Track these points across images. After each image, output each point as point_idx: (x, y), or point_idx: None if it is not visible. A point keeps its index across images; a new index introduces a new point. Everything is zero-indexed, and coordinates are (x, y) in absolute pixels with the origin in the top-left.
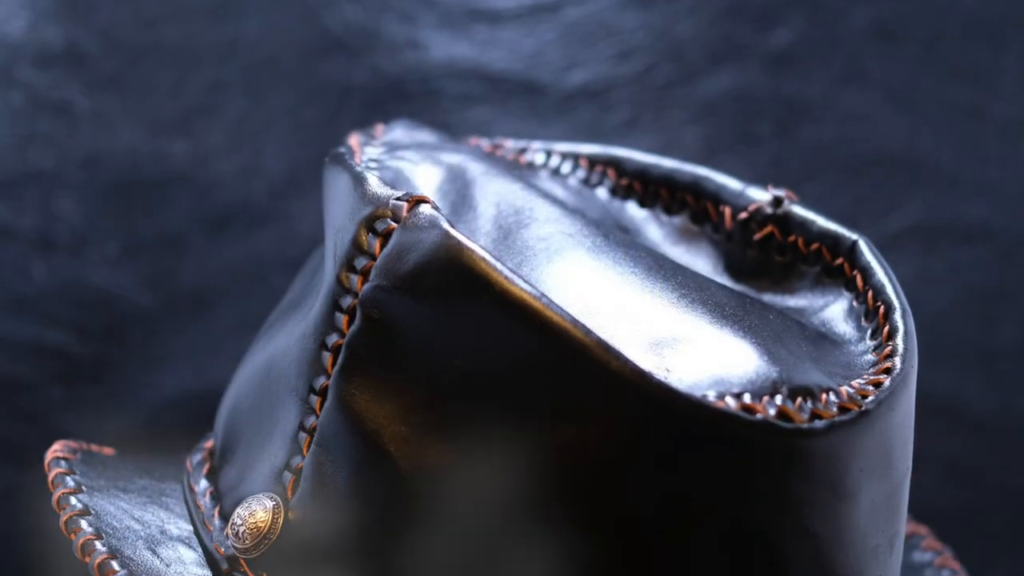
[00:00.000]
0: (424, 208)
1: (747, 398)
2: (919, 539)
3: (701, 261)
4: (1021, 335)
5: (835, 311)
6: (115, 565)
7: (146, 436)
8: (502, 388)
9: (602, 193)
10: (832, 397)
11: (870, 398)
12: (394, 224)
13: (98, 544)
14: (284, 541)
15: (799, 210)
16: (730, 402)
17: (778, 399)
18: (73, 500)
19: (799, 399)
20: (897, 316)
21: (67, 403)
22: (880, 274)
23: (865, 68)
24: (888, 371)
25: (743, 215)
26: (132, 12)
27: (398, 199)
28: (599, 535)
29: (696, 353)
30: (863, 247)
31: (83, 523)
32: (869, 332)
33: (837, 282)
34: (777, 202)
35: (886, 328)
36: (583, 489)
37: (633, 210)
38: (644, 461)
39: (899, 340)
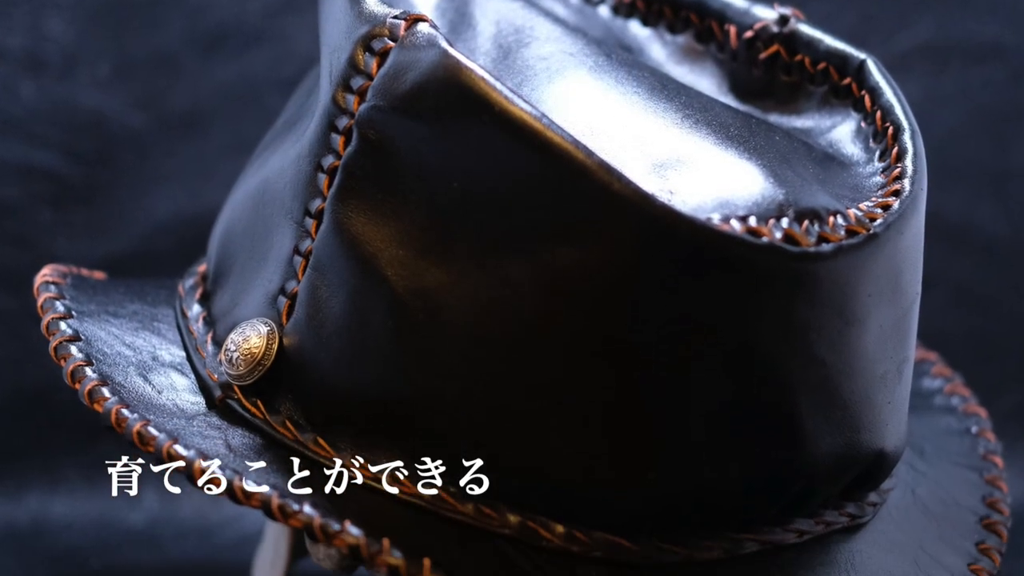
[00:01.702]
0: (422, 27)
1: (752, 221)
2: (928, 365)
3: (705, 81)
4: None
5: (842, 132)
6: (105, 392)
7: (137, 260)
8: (501, 210)
9: (604, 12)
10: (840, 220)
11: (878, 221)
12: (391, 43)
13: (88, 370)
14: (278, 367)
15: (806, 29)
16: (735, 225)
17: (784, 222)
18: (63, 325)
19: (806, 222)
20: (906, 137)
21: (57, 226)
22: (889, 94)
23: None
24: (897, 193)
25: (748, 34)
26: None
27: (395, 17)
28: (599, 358)
29: (700, 175)
30: (871, 66)
31: (73, 349)
32: (877, 153)
33: (845, 102)
34: (783, 20)
35: (895, 149)
36: (584, 312)
37: (636, 29)
38: (646, 284)
39: (908, 161)
